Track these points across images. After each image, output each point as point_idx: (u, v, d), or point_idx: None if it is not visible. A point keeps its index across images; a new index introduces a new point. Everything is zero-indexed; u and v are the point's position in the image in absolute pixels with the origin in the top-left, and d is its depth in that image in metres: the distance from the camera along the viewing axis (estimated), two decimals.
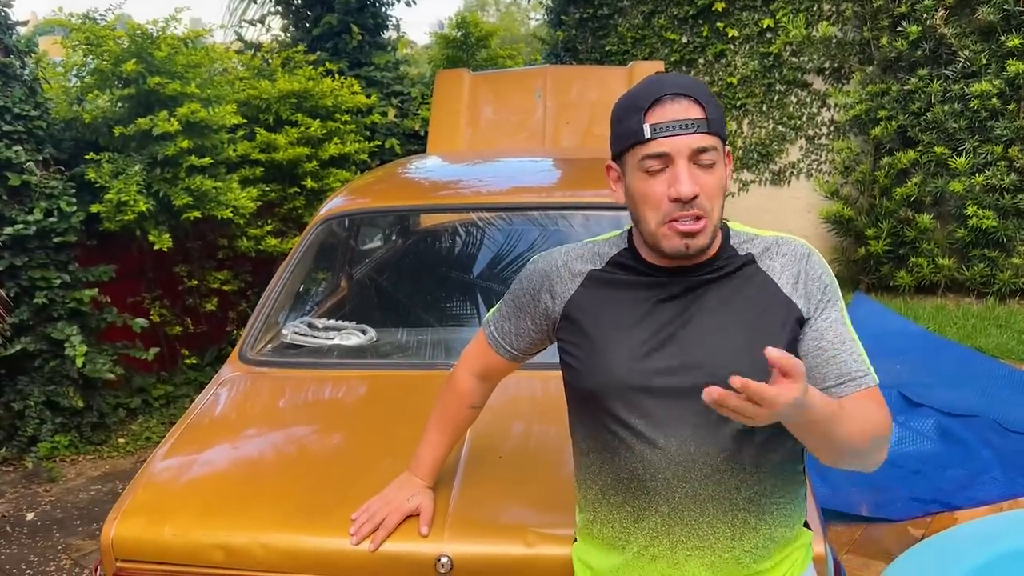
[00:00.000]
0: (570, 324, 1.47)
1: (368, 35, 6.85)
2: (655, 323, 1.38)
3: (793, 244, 1.42)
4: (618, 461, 1.40)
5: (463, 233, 3.27)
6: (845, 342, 1.36)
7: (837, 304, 1.39)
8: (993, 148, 6.18)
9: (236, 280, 5.08)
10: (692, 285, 1.39)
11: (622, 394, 1.37)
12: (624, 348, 1.38)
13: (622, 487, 1.40)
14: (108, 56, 4.29)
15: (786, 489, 1.41)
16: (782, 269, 1.39)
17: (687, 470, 1.35)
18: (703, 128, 1.29)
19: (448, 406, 1.74)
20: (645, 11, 8.09)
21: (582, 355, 1.44)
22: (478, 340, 1.68)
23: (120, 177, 4.16)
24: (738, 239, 1.43)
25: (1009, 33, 6.02)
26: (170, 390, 4.96)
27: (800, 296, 1.37)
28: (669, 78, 1.36)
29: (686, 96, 1.30)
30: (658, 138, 1.30)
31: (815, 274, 1.39)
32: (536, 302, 1.53)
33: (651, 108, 1.31)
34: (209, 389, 2.34)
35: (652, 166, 1.31)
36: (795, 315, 1.36)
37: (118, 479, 4.15)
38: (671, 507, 1.36)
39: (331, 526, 1.72)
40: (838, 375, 1.34)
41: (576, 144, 4.42)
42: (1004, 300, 6.33)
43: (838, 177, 7.25)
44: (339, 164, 5.47)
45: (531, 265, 1.56)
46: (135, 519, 1.78)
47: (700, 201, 1.30)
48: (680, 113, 1.30)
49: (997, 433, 3.94)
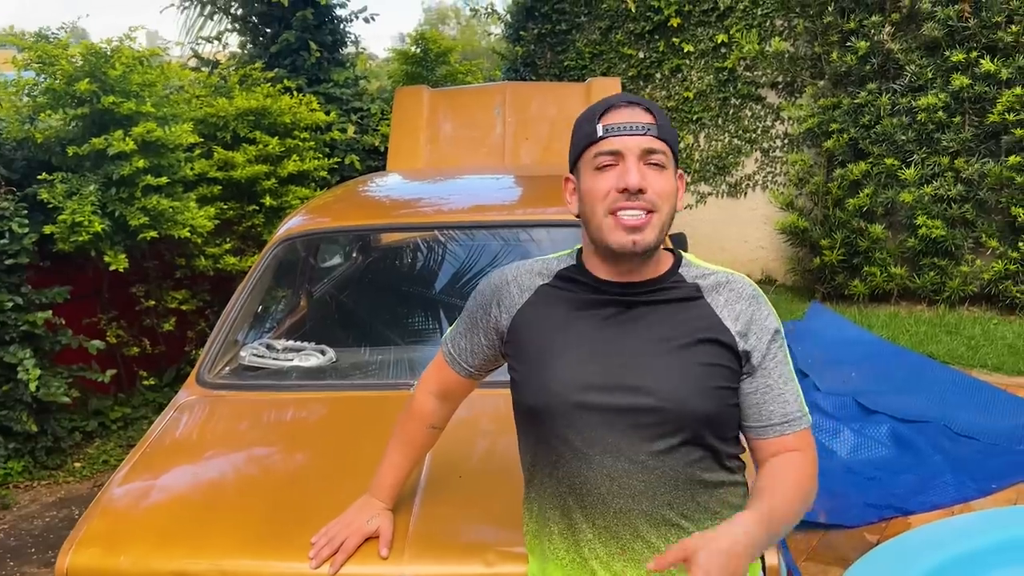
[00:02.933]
0: (515, 338, 1.50)
1: (327, 52, 6.85)
2: (596, 341, 1.42)
3: (742, 283, 1.47)
4: (556, 476, 1.43)
5: (423, 251, 3.29)
6: (788, 382, 1.44)
7: (783, 347, 1.45)
8: (940, 159, 6.35)
9: (194, 299, 5.02)
10: (636, 303, 1.42)
11: (560, 410, 1.40)
12: (564, 364, 1.42)
13: (560, 501, 1.44)
14: (61, 75, 4.24)
15: (723, 503, 1.44)
16: (726, 303, 1.43)
17: (620, 486, 1.38)
18: (652, 131, 1.38)
19: (408, 427, 1.75)
20: (602, 27, 8.19)
21: (524, 370, 1.47)
22: (436, 360, 1.71)
23: (74, 197, 4.11)
24: (688, 270, 1.47)
25: (953, 48, 6.20)
26: (128, 412, 4.88)
27: (740, 333, 1.41)
28: (624, 94, 1.46)
29: (638, 104, 1.41)
30: (609, 136, 1.38)
31: (761, 317, 1.43)
32: (487, 316, 1.56)
33: (605, 113, 1.41)
34: (166, 413, 2.32)
35: (604, 162, 1.39)
36: (733, 349, 1.40)
37: (74, 505, 4.07)
38: (606, 521, 1.40)
39: (292, 550, 1.71)
40: (782, 415, 1.42)
41: (536, 160, 4.46)
42: (953, 307, 6.50)
43: (792, 189, 7.38)
44: (298, 181, 5.45)
45: (484, 281, 1.60)
46: (91, 548, 1.76)
47: (648, 196, 1.36)
48: (631, 117, 1.39)
49: (948, 438, 4.03)
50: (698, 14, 7.68)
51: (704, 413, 1.38)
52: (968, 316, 6.32)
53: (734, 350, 1.40)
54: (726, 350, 1.40)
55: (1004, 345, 5.51)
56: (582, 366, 1.40)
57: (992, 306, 6.42)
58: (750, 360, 1.41)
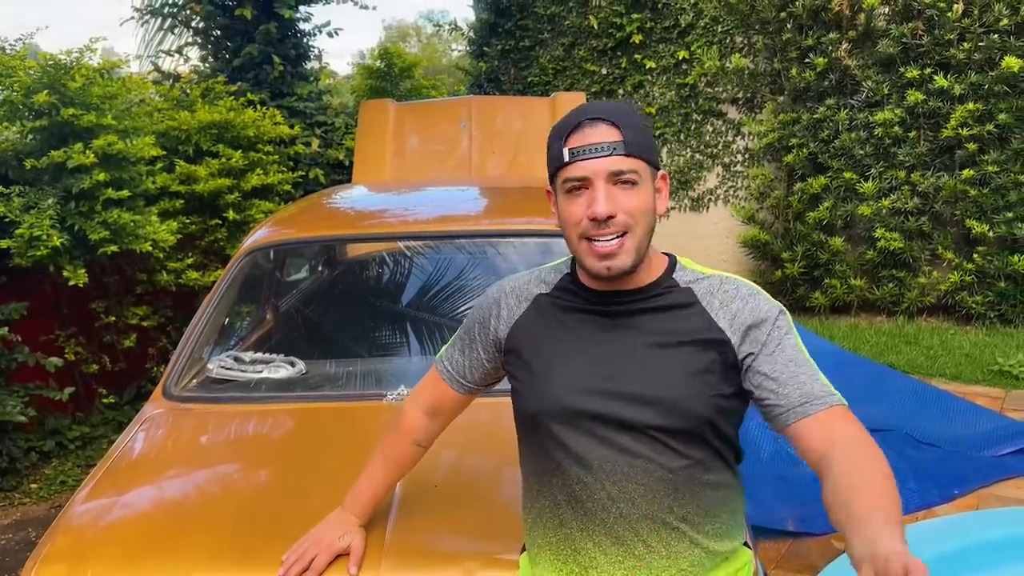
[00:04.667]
0: (515, 348, 1.50)
1: (290, 65, 6.81)
2: (594, 349, 1.42)
3: (736, 283, 1.44)
4: (556, 483, 1.42)
5: (391, 262, 3.27)
6: (801, 366, 1.36)
7: (790, 334, 1.39)
8: (897, 173, 6.49)
9: (156, 315, 4.93)
10: (631, 312, 1.42)
11: (559, 417, 1.40)
12: (563, 373, 1.41)
13: (560, 508, 1.43)
14: (18, 87, 4.16)
15: (722, 507, 1.44)
16: (721, 306, 1.40)
17: (621, 491, 1.38)
18: (619, 150, 1.34)
19: (393, 441, 1.72)
20: (565, 43, 8.26)
21: (525, 378, 1.47)
22: (430, 375, 1.69)
23: (32, 211, 4.01)
24: (683, 275, 1.46)
25: (908, 65, 6.36)
26: (86, 431, 4.76)
27: (736, 333, 1.38)
28: (593, 105, 1.41)
29: (604, 120, 1.35)
30: (575, 161, 1.35)
31: (761, 310, 1.39)
32: (486, 330, 1.56)
33: (571, 134, 1.36)
34: (132, 427, 2.27)
35: (572, 186, 1.36)
36: (730, 353, 1.37)
37: (30, 527, 3.96)
38: (606, 527, 1.39)
39: (262, 565, 1.68)
40: (801, 395, 1.33)
41: (502, 173, 4.47)
42: (912, 318, 6.63)
43: (754, 203, 7.49)
44: (262, 195, 5.39)
45: (482, 296, 1.60)
46: (55, 566, 1.71)
47: (618, 220, 1.34)
48: (596, 137, 1.34)
49: (911, 445, 4.10)
50: (660, 31, 7.79)
51: (703, 417, 1.37)
52: (926, 327, 6.45)
53: (732, 352, 1.37)
54: (723, 353, 1.38)
55: (961, 354, 5.63)
56: (581, 374, 1.40)
57: (949, 316, 6.56)
58: (751, 354, 1.37)
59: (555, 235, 2.91)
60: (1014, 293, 6.21)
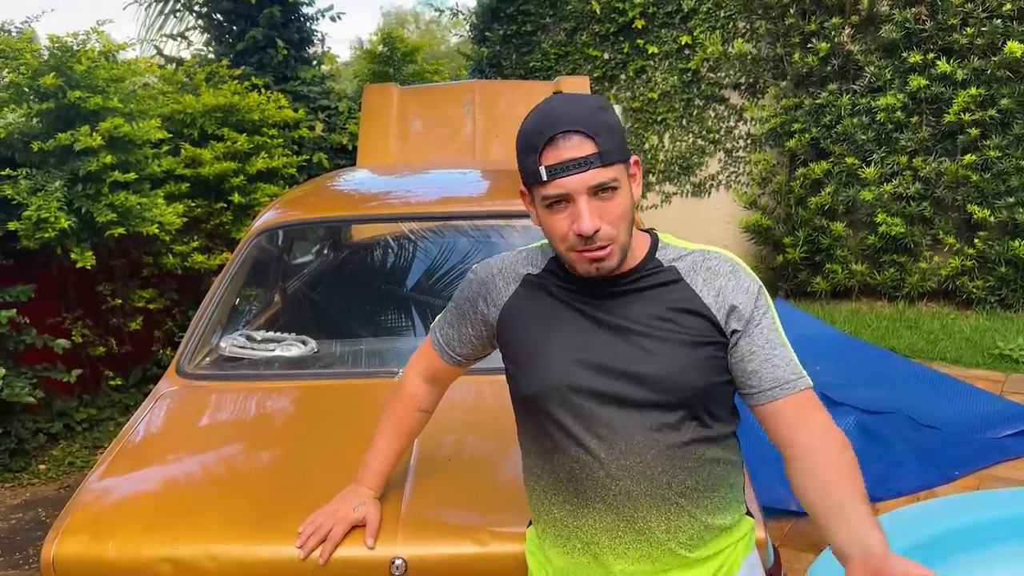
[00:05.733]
0: (505, 329, 1.52)
1: (294, 49, 6.80)
2: (586, 328, 1.43)
3: (719, 258, 1.45)
4: (556, 462, 1.44)
5: (398, 244, 3.29)
6: (776, 348, 1.40)
7: (768, 313, 1.42)
8: (899, 159, 6.50)
9: (162, 298, 4.96)
10: (619, 292, 1.43)
11: (556, 397, 1.42)
12: (557, 353, 1.43)
13: (561, 487, 1.45)
14: (25, 69, 4.16)
15: (720, 481, 1.46)
16: (704, 283, 1.42)
17: (619, 469, 1.40)
18: (596, 163, 1.30)
19: (396, 410, 1.75)
20: (568, 28, 8.24)
21: (520, 359, 1.48)
22: (425, 345, 1.72)
23: (39, 194, 4.03)
24: (665, 253, 1.46)
25: (910, 50, 6.36)
26: (93, 413, 4.80)
27: (721, 310, 1.40)
28: (560, 108, 1.34)
29: (577, 132, 1.30)
30: (554, 179, 1.31)
31: (743, 287, 1.42)
32: (475, 309, 1.57)
33: (544, 149, 1.31)
34: (147, 404, 2.30)
35: (554, 203, 1.34)
36: (716, 328, 1.40)
37: (40, 507, 3.99)
38: (607, 504, 1.41)
39: (281, 534, 1.71)
40: (772, 379, 1.39)
41: (506, 157, 4.48)
42: (913, 303, 6.65)
43: (756, 188, 7.50)
44: (267, 179, 5.41)
45: (470, 274, 1.61)
46: (77, 537, 1.74)
47: (603, 232, 1.33)
48: (572, 151, 1.30)
49: (912, 428, 4.14)
50: (662, 16, 7.77)
51: (697, 388, 1.39)
52: (927, 311, 6.48)
53: (717, 325, 1.40)
54: (710, 325, 1.40)
55: (962, 339, 5.66)
56: (574, 354, 1.42)
57: (949, 301, 6.59)
58: (736, 331, 1.40)
59: None
60: (1014, 278, 6.23)
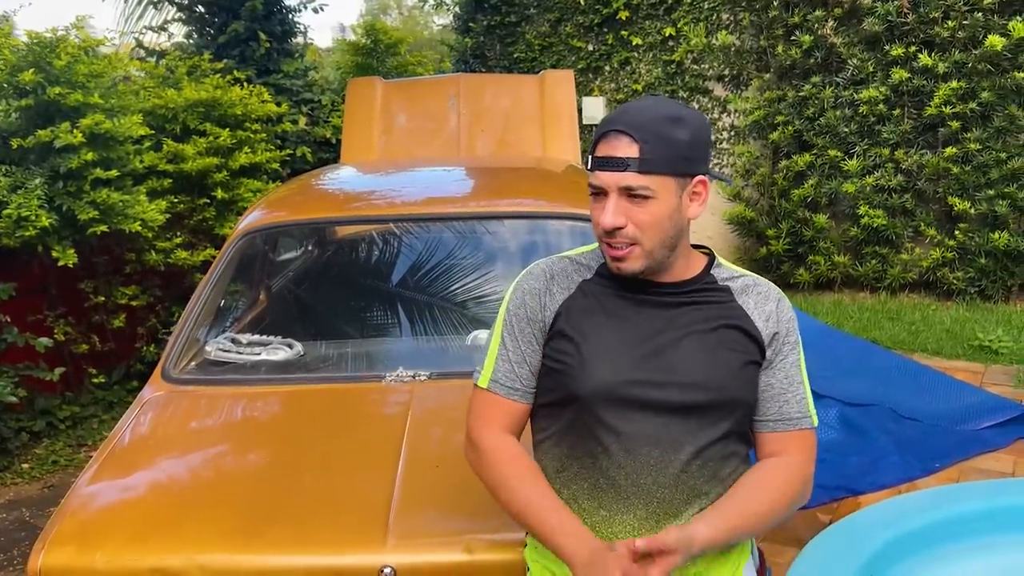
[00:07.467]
0: (560, 332, 1.50)
1: (276, 42, 6.74)
2: (642, 336, 1.46)
3: (768, 286, 1.54)
4: (597, 466, 1.45)
5: (384, 243, 3.28)
6: (793, 384, 1.50)
7: (796, 349, 1.51)
8: (881, 151, 6.55)
9: (145, 295, 4.92)
10: (674, 303, 1.48)
11: (610, 402, 1.44)
12: (614, 357, 1.45)
13: (599, 492, 1.46)
14: (3, 65, 4.11)
15: (735, 474, 1.51)
16: (755, 306, 1.50)
17: (665, 475, 1.43)
18: (633, 168, 1.37)
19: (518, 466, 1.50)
20: (552, 19, 8.22)
21: (573, 362, 1.46)
22: (490, 404, 1.52)
23: (19, 191, 3.99)
24: (720, 272, 1.53)
25: (893, 43, 6.39)
26: (77, 411, 4.76)
27: (768, 333, 1.48)
28: (631, 109, 1.42)
29: (626, 134, 1.37)
30: (595, 171, 1.41)
31: (785, 318, 1.51)
32: (533, 322, 1.51)
33: (600, 142, 1.41)
34: (132, 410, 2.29)
35: (595, 192, 1.43)
36: (760, 350, 1.48)
37: (24, 506, 3.97)
38: (648, 511, 1.44)
39: (269, 543, 1.72)
40: (779, 413, 1.49)
41: (491, 151, 4.48)
42: (894, 294, 6.72)
43: (739, 180, 7.53)
44: (250, 174, 5.37)
45: (517, 293, 1.53)
46: (64, 547, 1.74)
47: (626, 232, 1.40)
48: (616, 150, 1.38)
49: (893, 420, 4.17)
50: (646, 7, 7.77)
51: (746, 401, 1.48)
52: (908, 302, 6.54)
53: (762, 348, 1.48)
54: (756, 346, 1.48)
55: (942, 330, 5.72)
56: (631, 360, 1.45)
57: (930, 292, 6.66)
58: (770, 361, 1.49)
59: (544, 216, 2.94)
60: (994, 269, 6.30)
